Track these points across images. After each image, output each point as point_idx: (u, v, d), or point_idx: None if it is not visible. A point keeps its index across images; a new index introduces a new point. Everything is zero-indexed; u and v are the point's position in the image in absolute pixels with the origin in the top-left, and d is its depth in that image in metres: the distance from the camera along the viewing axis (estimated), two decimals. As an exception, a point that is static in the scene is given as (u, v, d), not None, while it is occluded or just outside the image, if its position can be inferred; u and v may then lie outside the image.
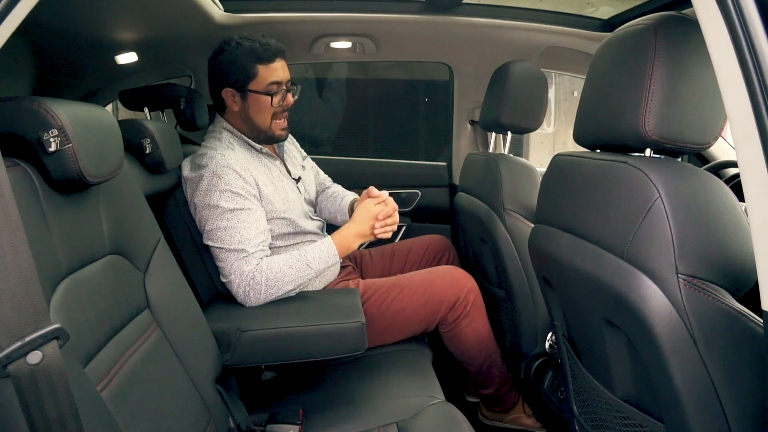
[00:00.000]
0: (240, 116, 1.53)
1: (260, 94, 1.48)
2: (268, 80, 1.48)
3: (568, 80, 6.47)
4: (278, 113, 1.52)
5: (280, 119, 1.53)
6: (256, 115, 1.51)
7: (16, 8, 0.69)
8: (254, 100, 1.49)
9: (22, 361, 0.58)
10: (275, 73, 1.48)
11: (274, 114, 1.51)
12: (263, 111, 1.50)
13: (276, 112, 1.51)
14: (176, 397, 0.98)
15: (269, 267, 1.35)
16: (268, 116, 1.51)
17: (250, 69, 1.47)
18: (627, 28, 0.89)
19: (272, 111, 1.50)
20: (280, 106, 1.51)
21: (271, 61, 1.48)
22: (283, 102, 1.51)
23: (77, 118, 0.81)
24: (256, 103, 1.50)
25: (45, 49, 1.57)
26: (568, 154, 1.07)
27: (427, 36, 2.06)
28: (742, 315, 0.74)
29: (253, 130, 1.53)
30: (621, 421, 0.97)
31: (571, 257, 0.97)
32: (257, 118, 1.51)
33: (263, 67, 1.47)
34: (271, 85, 1.48)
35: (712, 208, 0.78)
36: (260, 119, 1.51)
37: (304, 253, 1.40)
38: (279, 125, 1.53)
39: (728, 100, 0.66)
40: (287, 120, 1.56)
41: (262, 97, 1.49)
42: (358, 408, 1.26)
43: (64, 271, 0.78)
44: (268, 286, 1.34)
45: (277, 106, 1.50)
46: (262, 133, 1.53)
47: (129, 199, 1.05)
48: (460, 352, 1.61)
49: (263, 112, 1.50)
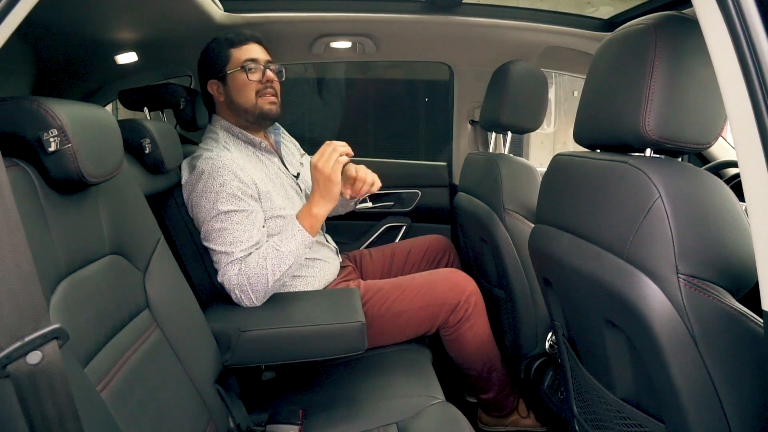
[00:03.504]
0: (227, 105, 1.53)
1: (237, 72, 1.50)
2: (243, 58, 1.50)
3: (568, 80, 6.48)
4: (261, 90, 1.51)
5: (265, 94, 1.51)
6: (238, 95, 1.51)
7: (16, 8, 0.69)
8: (232, 80, 1.50)
9: (22, 361, 0.58)
10: (249, 52, 1.51)
11: (257, 91, 1.50)
12: (244, 89, 1.50)
13: (258, 89, 1.50)
14: (176, 397, 0.98)
15: (247, 265, 1.34)
16: (252, 93, 1.50)
17: (223, 54, 1.51)
18: (627, 28, 0.89)
19: (254, 87, 1.50)
20: (260, 81, 1.50)
21: (243, 43, 1.52)
22: (263, 78, 1.50)
23: (77, 118, 0.81)
24: (234, 84, 1.50)
25: (45, 49, 1.57)
26: (568, 154, 1.07)
27: (427, 36, 2.06)
28: (742, 315, 0.74)
29: (242, 113, 1.52)
30: (621, 421, 0.97)
31: (571, 257, 0.97)
32: (240, 99, 1.50)
33: (236, 49, 1.51)
34: (246, 62, 1.50)
35: (712, 208, 0.78)
36: (243, 98, 1.50)
37: (273, 240, 1.39)
38: (266, 100, 1.51)
39: (728, 100, 0.66)
40: (277, 98, 1.55)
41: (238, 75, 1.50)
42: (358, 408, 1.26)
43: (64, 271, 0.78)
44: (251, 285, 1.33)
45: (255, 81, 1.49)
46: (249, 113, 1.51)
47: (129, 199, 1.05)
48: (460, 356, 1.60)
49: (244, 90, 1.50)
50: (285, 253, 1.35)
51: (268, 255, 1.35)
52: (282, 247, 1.36)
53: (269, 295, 1.37)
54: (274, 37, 1.90)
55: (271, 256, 1.35)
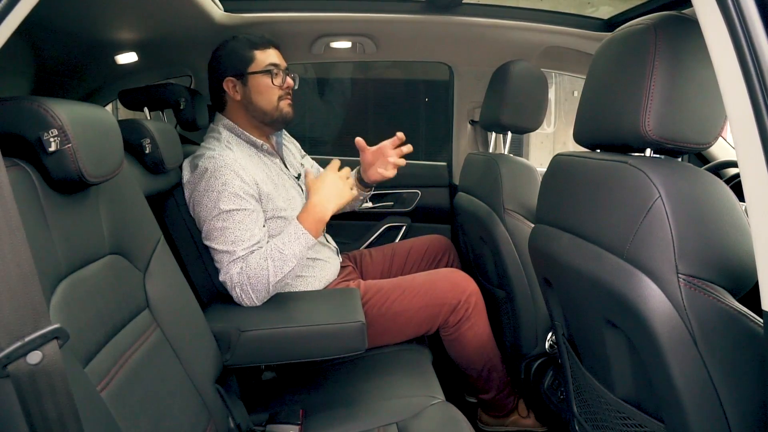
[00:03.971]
0: (243, 105, 1.53)
1: (260, 74, 1.51)
2: (267, 62, 1.51)
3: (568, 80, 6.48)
4: (282, 95, 1.53)
5: (286, 99, 1.55)
6: (259, 97, 1.52)
7: (16, 8, 0.69)
8: (254, 82, 1.51)
9: (22, 361, 0.58)
10: (271, 57, 1.53)
11: (279, 96, 1.53)
12: (266, 92, 1.51)
13: (281, 94, 1.53)
14: (176, 397, 0.98)
15: (248, 265, 1.34)
16: (274, 96, 1.52)
17: (247, 54, 1.51)
18: (627, 28, 0.89)
19: (277, 92, 1.52)
20: (281, 87, 1.52)
21: (266, 47, 1.53)
22: (283, 84, 1.53)
23: (77, 118, 0.81)
24: (256, 85, 1.51)
25: (45, 49, 1.57)
26: (568, 154, 1.07)
27: (427, 36, 2.06)
28: (742, 315, 0.74)
29: (259, 114, 1.53)
30: (621, 421, 0.97)
31: (571, 257, 0.97)
32: (261, 101, 1.52)
33: (259, 52, 1.52)
34: (270, 66, 1.51)
35: (712, 208, 0.78)
36: (264, 101, 1.52)
37: (275, 241, 1.39)
38: (286, 103, 1.55)
39: (728, 100, 0.66)
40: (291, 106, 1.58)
41: (262, 78, 1.51)
42: (358, 408, 1.26)
43: (64, 271, 0.78)
44: (251, 285, 1.34)
45: (279, 84, 1.52)
46: (268, 115, 1.53)
47: (129, 199, 1.05)
48: (461, 356, 1.60)
49: (266, 93, 1.52)
50: (288, 256, 1.36)
51: (271, 256, 1.35)
52: (285, 249, 1.36)
53: (271, 295, 1.37)
54: (274, 37, 1.90)
55: (275, 257, 1.35)
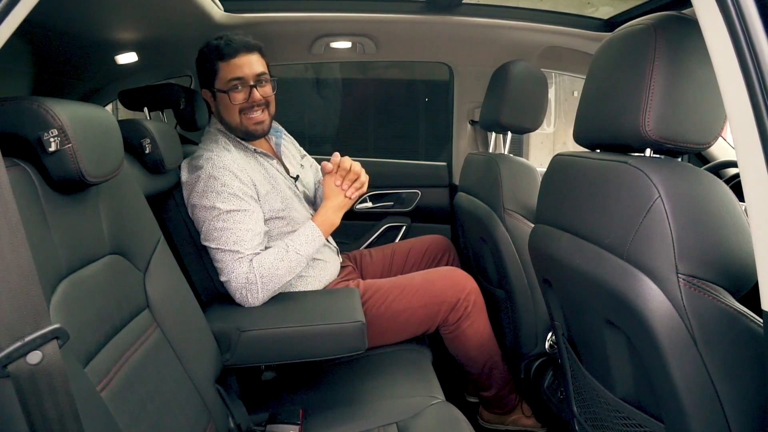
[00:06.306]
0: (218, 116, 1.53)
1: (221, 92, 1.47)
2: (228, 77, 1.46)
3: (568, 80, 6.47)
4: (245, 108, 1.48)
5: (251, 113, 1.48)
6: (225, 113, 1.50)
7: (16, 8, 0.69)
8: (220, 98, 1.49)
9: (22, 361, 0.58)
10: (237, 69, 1.45)
11: (241, 110, 1.47)
12: (228, 109, 1.48)
13: (243, 108, 1.47)
14: (176, 397, 0.98)
15: (261, 264, 1.35)
16: (235, 113, 1.48)
17: (212, 67, 1.47)
18: (627, 28, 0.89)
19: (237, 108, 1.47)
20: (245, 102, 1.47)
21: (232, 56, 1.45)
22: (249, 98, 1.47)
23: (77, 118, 0.81)
24: (221, 102, 1.49)
25: (45, 49, 1.57)
26: (568, 154, 1.07)
27: (427, 36, 2.06)
28: (742, 315, 0.74)
29: (230, 128, 1.51)
30: (621, 421, 0.97)
31: (571, 257, 0.97)
32: (227, 116, 1.50)
33: (224, 64, 1.46)
34: (231, 82, 1.45)
35: (712, 208, 0.78)
36: (229, 117, 1.49)
37: (291, 242, 1.40)
38: (251, 120, 1.48)
39: (728, 100, 0.66)
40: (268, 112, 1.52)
41: (223, 95, 1.47)
42: (358, 408, 1.26)
43: (64, 271, 0.78)
44: (263, 284, 1.34)
45: (239, 103, 1.46)
46: (236, 130, 1.51)
47: (129, 199, 1.05)
48: (461, 354, 1.60)
49: (229, 110, 1.48)
50: (304, 258, 1.40)
51: (285, 257, 1.37)
52: (303, 251, 1.40)
53: (274, 294, 1.38)
54: (274, 37, 1.90)
55: (288, 258, 1.37)
